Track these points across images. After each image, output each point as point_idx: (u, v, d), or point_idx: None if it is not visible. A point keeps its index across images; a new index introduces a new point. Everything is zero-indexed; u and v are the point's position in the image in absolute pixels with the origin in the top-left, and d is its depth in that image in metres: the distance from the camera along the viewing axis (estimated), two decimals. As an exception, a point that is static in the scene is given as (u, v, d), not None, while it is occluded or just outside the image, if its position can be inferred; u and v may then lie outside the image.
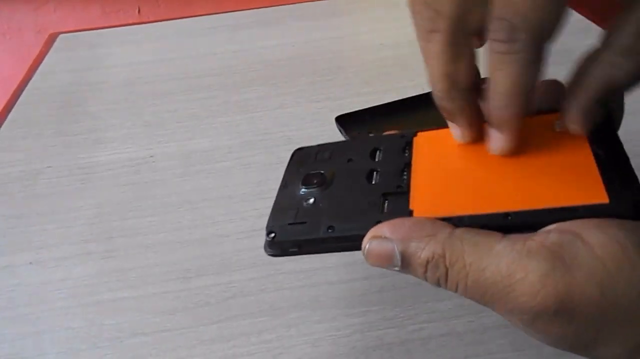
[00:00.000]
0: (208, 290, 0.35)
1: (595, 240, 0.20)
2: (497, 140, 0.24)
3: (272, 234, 0.26)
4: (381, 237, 0.23)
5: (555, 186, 0.23)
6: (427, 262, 0.22)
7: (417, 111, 0.49)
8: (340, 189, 0.27)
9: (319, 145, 0.31)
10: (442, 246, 0.22)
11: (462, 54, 0.24)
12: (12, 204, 0.43)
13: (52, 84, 0.60)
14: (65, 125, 0.53)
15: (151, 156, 0.47)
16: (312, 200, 0.27)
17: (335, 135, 0.47)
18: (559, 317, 0.20)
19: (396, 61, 0.58)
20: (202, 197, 0.42)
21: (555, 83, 0.27)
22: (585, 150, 0.24)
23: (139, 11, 0.96)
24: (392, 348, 0.30)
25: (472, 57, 0.24)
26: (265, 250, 0.26)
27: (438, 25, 0.24)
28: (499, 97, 0.23)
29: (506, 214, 0.23)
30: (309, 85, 0.55)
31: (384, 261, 0.23)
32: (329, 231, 0.25)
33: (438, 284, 0.22)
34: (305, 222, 0.26)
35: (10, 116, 0.55)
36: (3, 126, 0.53)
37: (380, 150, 0.29)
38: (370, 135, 0.31)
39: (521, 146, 0.25)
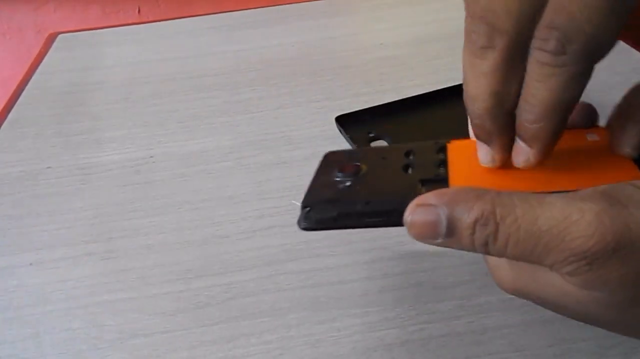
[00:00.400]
0: (208, 291, 0.35)
1: None
2: (524, 153, 0.24)
3: (308, 209, 0.26)
4: (424, 205, 0.22)
5: (591, 182, 0.23)
6: (476, 221, 0.21)
7: (417, 111, 0.49)
8: (376, 176, 0.27)
9: (350, 149, 0.31)
10: (491, 203, 0.21)
11: (515, 73, 0.22)
12: (11, 205, 0.43)
13: (52, 84, 0.60)
14: (65, 125, 0.52)
15: (151, 156, 0.47)
16: (348, 183, 0.27)
17: (335, 135, 0.47)
18: (618, 254, 0.19)
19: (396, 61, 0.58)
20: (202, 198, 0.42)
21: (588, 106, 0.27)
22: (627, 162, 0.24)
23: (139, 11, 0.96)
24: (393, 349, 0.30)
25: (523, 77, 0.22)
26: (299, 224, 0.26)
27: (494, 42, 0.22)
28: (535, 111, 0.22)
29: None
30: (309, 85, 0.55)
31: (429, 230, 0.22)
32: (366, 204, 0.25)
33: (486, 245, 0.21)
34: (340, 199, 0.26)
35: (10, 116, 0.55)
36: (3, 126, 0.53)
37: (413, 152, 0.28)
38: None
39: (559, 149, 0.25)
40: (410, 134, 0.46)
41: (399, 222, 0.24)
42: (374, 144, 0.45)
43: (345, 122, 0.47)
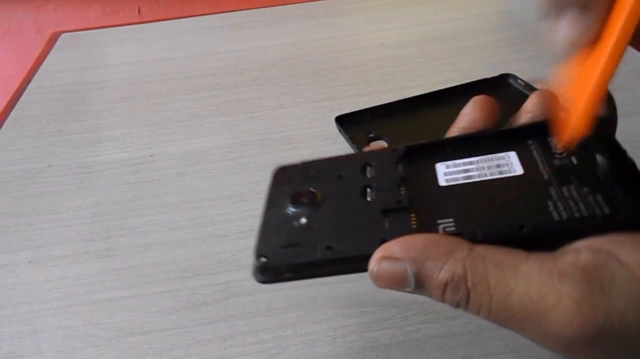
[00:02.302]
0: (206, 290, 0.35)
1: (633, 259, 0.19)
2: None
3: (264, 259, 0.23)
4: (391, 257, 0.21)
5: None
6: (446, 283, 0.20)
7: (417, 112, 0.49)
8: (333, 207, 0.25)
9: (302, 162, 0.28)
10: (462, 265, 0.20)
11: None
12: (11, 203, 0.43)
13: (53, 83, 0.60)
14: (65, 124, 0.53)
15: (151, 155, 0.47)
16: (303, 220, 0.24)
17: (335, 135, 0.47)
18: (597, 345, 0.18)
19: (397, 61, 0.58)
20: (201, 197, 0.42)
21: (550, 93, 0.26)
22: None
23: (139, 11, 0.96)
24: (389, 349, 0.30)
25: None
26: (255, 276, 0.24)
27: None
28: None
29: (521, 226, 0.21)
30: (309, 85, 0.55)
31: (396, 283, 0.21)
32: (327, 251, 0.23)
33: (457, 306, 0.20)
34: (298, 244, 0.23)
35: (11, 115, 0.55)
36: (4, 125, 0.53)
37: (371, 165, 0.27)
38: (357, 151, 0.29)
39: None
40: (410, 134, 0.46)
41: (365, 269, 0.22)
42: (373, 144, 0.45)
43: (345, 122, 0.47)
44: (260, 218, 0.26)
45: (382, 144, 0.45)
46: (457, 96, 0.50)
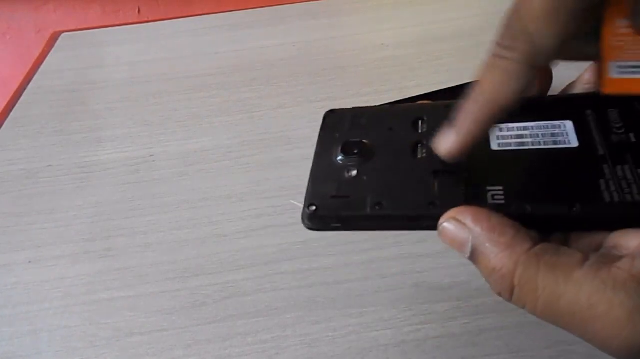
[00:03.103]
0: (205, 290, 0.35)
1: None
2: (447, 138, 0.23)
3: (314, 207, 0.24)
4: (460, 222, 0.21)
5: None
6: (494, 270, 0.20)
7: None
8: (383, 162, 0.25)
9: (353, 108, 0.28)
10: (515, 262, 0.20)
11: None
12: (11, 203, 0.43)
13: (53, 82, 0.60)
14: (66, 124, 0.53)
15: (151, 155, 0.47)
16: (354, 171, 0.25)
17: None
18: None
19: (397, 61, 0.58)
20: (201, 197, 0.42)
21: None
22: None
23: (139, 11, 0.96)
24: (388, 349, 0.30)
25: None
26: (304, 223, 0.24)
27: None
28: (470, 96, 0.22)
29: (570, 206, 0.21)
30: (309, 85, 0.55)
31: (456, 245, 0.21)
32: (377, 208, 0.23)
33: (500, 295, 0.21)
34: (349, 196, 0.24)
35: (11, 115, 0.55)
36: (4, 125, 0.53)
37: (423, 120, 0.26)
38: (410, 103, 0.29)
39: None
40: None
41: (415, 228, 0.23)
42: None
43: None
44: (312, 164, 0.26)
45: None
46: (458, 95, 0.50)
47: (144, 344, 0.32)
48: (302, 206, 0.32)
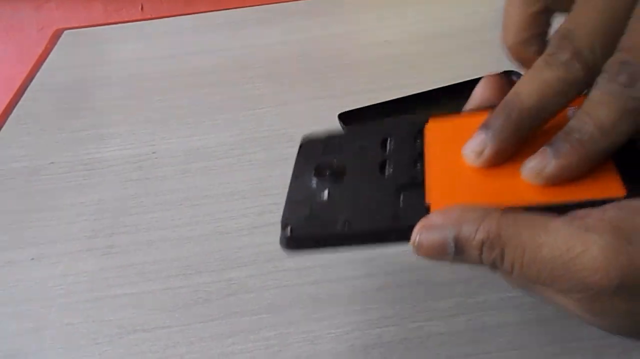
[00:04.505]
0: (208, 287, 0.35)
1: None
2: (543, 161, 0.23)
3: (289, 229, 0.25)
4: (430, 227, 0.22)
5: (573, 181, 0.23)
6: (482, 243, 0.21)
7: (420, 108, 0.48)
8: (353, 181, 0.26)
9: (328, 132, 0.30)
10: (496, 225, 0.21)
11: (571, 93, 0.23)
12: (14, 200, 0.43)
13: (56, 80, 0.60)
14: (68, 121, 0.53)
15: (154, 152, 0.47)
16: (326, 192, 0.26)
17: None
18: (622, 291, 0.19)
19: (401, 59, 0.58)
20: (204, 194, 0.42)
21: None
22: (608, 167, 0.24)
23: (141, 8, 0.96)
24: (391, 346, 0.30)
25: (571, 100, 0.24)
26: (282, 244, 0.25)
27: (574, 61, 0.23)
28: (585, 128, 0.22)
29: (525, 209, 0.22)
30: (312, 83, 0.55)
31: (437, 251, 0.22)
32: (346, 225, 0.24)
33: (494, 266, 0.22)
34: (321, 217, 0.25)
35: (14, 112, 0.55)
36: (7, 122, 0.53)
37: (391, 138, 0.28)
38: (382, 121, 0.30)
39: (538, 135, 0.24)
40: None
41: (383, 242, 0.24)
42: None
43: (347, 119, 0.47)
44: (289, 186, 0.27)
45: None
46: (461, 92, 0.50)
47: (147, 341, 0.32)
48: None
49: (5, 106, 0.56)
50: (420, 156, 0.26)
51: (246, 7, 0.72)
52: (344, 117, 0.47)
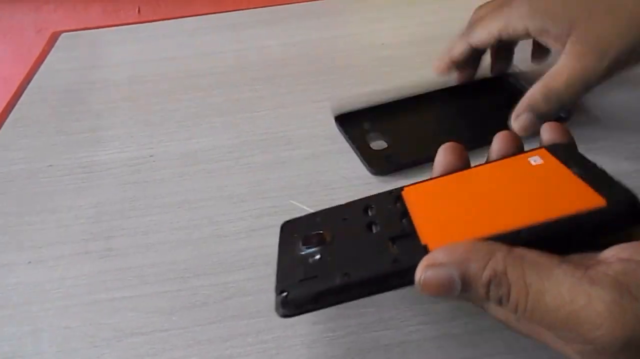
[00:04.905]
0: (206, 290, 0.35)
1: None
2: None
3: (285, 293, 0.25)
4: (436, 264, 0.22)
5: (552, 200, 0.24)
6: (490, 281, 0.21)
7: (417, 110, 0.49)
8: (343, 242, 0.27)
9: (306, 214, 0.31)
10: (503, 263, 0.21)
11: None
12: (12, 203, 0.43)
13: (54, 82, 0.60)
14: (66, 123, 0.53)
15: (151, 155, 0.47)
16: (317, 256, 0.26)
17: (335, 135, 0.47)
18: (627, 349, 0.19)
19: (397, 61, 0.58)
20: (202, 197, 0.42)
21: (515, 136, 0.30)
22: (565, 170, 0.26)
23: (139, 11, 0.96)
24: (388, 350, 0.30)
25: None
26: (278, 311, 0.25)
27: None
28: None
29: (517, 232, 0.23)
30: (310, 85, 0.55)
31: (444, 288, 0.22)
32: (345, 277, 0.24)
33: (500, 302, 0.22)
34: (316, 276, 0.25)
35: (11, 115, 0.55)
36: (5, 124, 0.53)
37: (372, 207, 0.29)
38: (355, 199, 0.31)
39: (507, 177, 0.27)
40: (409, 133, 0.46)
41: (384, 289, 0.24)
42: (373, 144, 0.45)
43: (344, 121, 0.47)
44: (276, 263, 0.28)
45: (382, 144, 0.45)
46: (456, 95, 0.50)
47: (144, 345, 0.32)
48: (302, 206, 0.33)
49: (2, 108, 0.56)
50: (404, 214, 0.27)
51: (244, 9, 0.72)
52: (340, 119, 0.47)
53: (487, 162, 0.30)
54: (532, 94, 0.39)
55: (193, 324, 0.33)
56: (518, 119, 0.40)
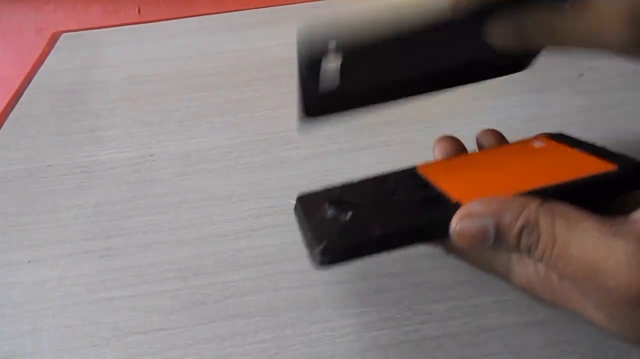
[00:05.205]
0: (205, 289, 0.35)
1: None
2: None
3: (324, 242, 0.25)
4: (472, 215, 0.23)
5: (568, 167, 0.26)
6: (522, 228, 0.22)
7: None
8: (372, 205, 0.27)
9: (323, 188, 0.31)
10: (535, 213, 0.22)
11: None
12: (11, 202, 0.43)
13: (54, 82, 0.60)
14: (66, 123, 0.53)
15: (151, 155, 0.47)
16: (349, 215, 0.26)
17: (336, 135, 0.47)
18: None
19: (397, 62, 0.58)
20: (201, 197, 0.42)
21: (498, 132, 0.31)
22: (570, 149, 0.27)
23: (139, 11, 0.96)
24: (388, 349, 0.30)
25: None
26: (314, 260, 0.25)
27: None
28: None
29: (544, 189, 0.24)
30: (309, 86, 0.55)
31: (478, 239, 0.23)
32: (384, 227, 0.25)
33: (529, 250, 0.23)
34: (351, 228, 0.26)
35: (11, 115, 0.55)
36: (5, 124, 0.53)
37: (388, 181, 0.29)
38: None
39: (517, 154, 0.28)
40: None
41: (420, 239, 0.25)
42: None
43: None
44: (301, 230, 0.28)
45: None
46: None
47: (143, 344, 0.32)
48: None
49: (2, 108, 0.56)
50: (425, 185, 0.28)
51: (244, 9, 0.72)
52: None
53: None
54: None
55: (192, 324, 0.33)
56: None
